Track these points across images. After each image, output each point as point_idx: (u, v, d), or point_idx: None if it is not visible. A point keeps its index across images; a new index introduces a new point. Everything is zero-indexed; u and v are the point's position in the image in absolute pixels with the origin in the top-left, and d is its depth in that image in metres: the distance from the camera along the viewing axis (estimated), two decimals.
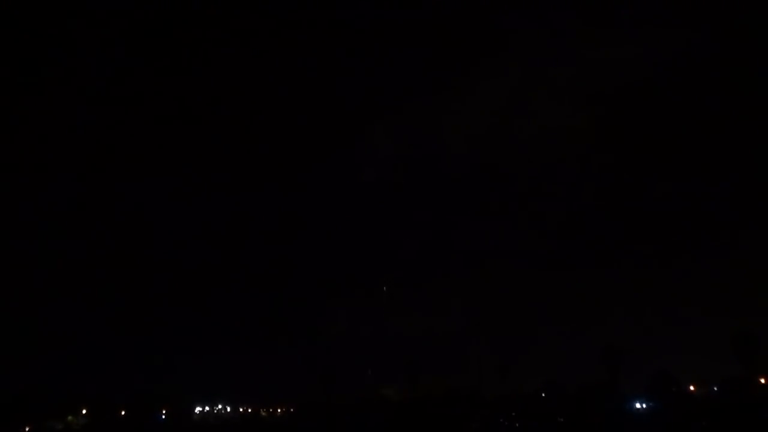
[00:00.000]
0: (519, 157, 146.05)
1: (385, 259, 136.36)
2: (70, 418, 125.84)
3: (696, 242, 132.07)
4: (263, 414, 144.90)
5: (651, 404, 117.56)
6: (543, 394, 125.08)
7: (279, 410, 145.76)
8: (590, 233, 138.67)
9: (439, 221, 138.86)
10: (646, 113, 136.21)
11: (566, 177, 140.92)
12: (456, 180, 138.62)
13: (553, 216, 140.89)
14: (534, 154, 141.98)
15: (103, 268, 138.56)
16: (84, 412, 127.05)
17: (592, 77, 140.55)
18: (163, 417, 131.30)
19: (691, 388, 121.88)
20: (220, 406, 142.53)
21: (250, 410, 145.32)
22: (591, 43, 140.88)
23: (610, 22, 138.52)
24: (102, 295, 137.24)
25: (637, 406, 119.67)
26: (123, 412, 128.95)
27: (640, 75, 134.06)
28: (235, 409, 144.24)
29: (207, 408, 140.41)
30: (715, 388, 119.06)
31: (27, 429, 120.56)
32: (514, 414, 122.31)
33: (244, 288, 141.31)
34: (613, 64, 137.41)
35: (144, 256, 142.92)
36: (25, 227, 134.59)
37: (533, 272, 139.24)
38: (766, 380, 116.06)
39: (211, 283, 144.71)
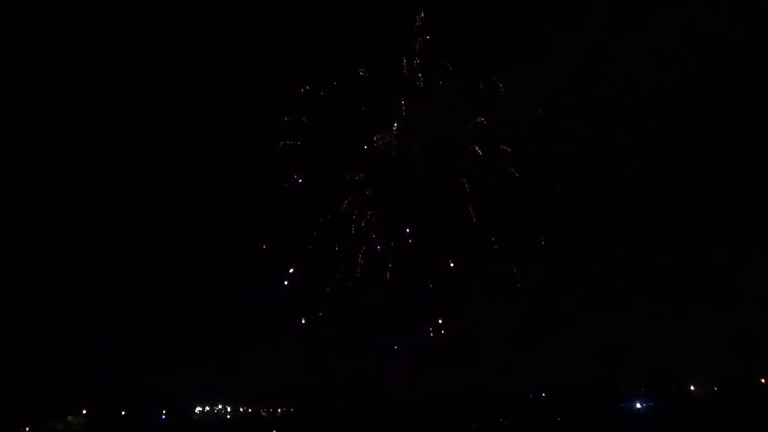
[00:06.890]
0: (593, 125, 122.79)
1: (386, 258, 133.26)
2: (70, 418, 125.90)
3: (696, 241, 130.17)
4: (263, 414, 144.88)
5: (651, 404, 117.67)
6: (543, 394, 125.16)
7: (279, 410, 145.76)
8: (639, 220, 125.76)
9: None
10: (750, 76, 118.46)
11: (648, 150, 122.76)
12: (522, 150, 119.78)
13: (619, 197, 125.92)
14: (613, 121, 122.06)
15: (103, 267, 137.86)
16: (84, 412, 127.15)
17: (688, 31, 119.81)
18: (163, 417, 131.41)
19: (692, 388, 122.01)
20: (220, 406, 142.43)
21: (250, 410, 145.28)
22: None
23: None
24: (102, 294, 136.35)
25: (637, 406, 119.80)
26: (123, 412, 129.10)
27: (745, 30, 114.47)
28: (235, 409, 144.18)
29: (207, 408, 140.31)
30: (715, 388, 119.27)
31: (27, 429, 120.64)
32: (514, 414, 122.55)
33: (244, 287, 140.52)
34: (715, 16, 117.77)
35: (144, 255, 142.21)
36: (24, 226, 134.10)
37: (536, 270, 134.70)
38: (766, 380, 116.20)
39: (211, 283, 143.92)
